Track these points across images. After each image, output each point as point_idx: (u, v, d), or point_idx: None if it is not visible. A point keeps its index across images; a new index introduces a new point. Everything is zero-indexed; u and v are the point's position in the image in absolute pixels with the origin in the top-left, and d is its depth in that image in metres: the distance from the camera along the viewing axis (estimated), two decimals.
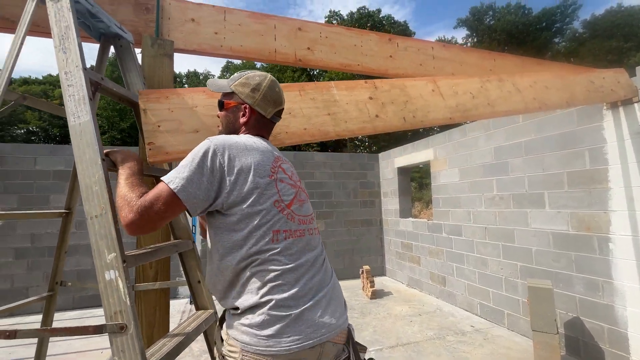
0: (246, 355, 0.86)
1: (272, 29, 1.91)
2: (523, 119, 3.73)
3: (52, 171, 5.20)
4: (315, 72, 24.57)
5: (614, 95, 2.75)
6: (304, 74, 23.22)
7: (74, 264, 5.10)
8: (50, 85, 20.27)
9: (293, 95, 1.60)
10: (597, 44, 24.44)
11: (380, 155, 6.97)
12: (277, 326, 0.85)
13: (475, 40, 30.89)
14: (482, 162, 4.29)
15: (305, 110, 1.61)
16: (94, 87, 1.07)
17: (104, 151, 1.03)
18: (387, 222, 6.71)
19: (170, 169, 1.02)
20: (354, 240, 6.61)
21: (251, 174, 0.94)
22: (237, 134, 1.10)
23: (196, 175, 0.90)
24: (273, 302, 0.87)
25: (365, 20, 28.33)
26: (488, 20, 30.74)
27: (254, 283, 0.90)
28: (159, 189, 0.89)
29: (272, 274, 0.90)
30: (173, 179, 0.89)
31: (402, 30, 29.09)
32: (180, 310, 4.98)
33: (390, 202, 6.59)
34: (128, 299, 0.89)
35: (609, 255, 2.88)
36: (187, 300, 5.37)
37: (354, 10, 29.12)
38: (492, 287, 4.11)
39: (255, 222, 0.92)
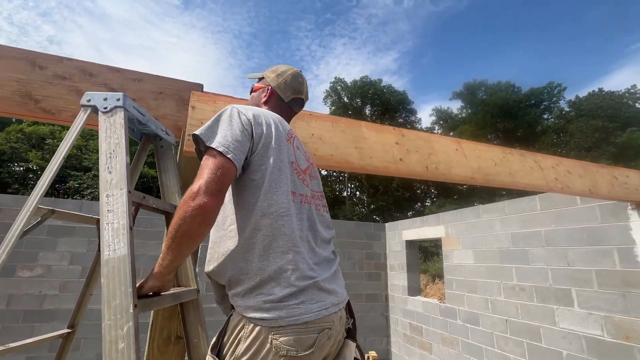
0: (277, 333, 0.80)
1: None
2: (541, 207, 3.67)
3: (48, 226, 4.96)
4: None
5: (639, 195, 2.72)
6: None
7: None
8: (59, 126, 20.73)
9: (326, 125, 1.73)
10: (584, 123, 25.99)
11: (387, 225, 6.82)
12: (305, 294, 0.85)
13: (470, 111, 32.92)
14: (498, 246, 4.13)
15: (335, 140, 1.72)
16: (135, 209, 0.96)
17: (137, 285, 0.88)
18: (394, 299, 6.29)
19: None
20: (358, 317, 6.08)
21: (273, 129, 1.00)
22: None
23: (230, 131, 0.92)
24: (298, 270, 0.86)
25: (368, 88, 30.42)
26: (481, 95, 33.10)
27: (277, 248, 0.88)
28: (207, 159, 0.88)
29: (293, 239, 0.89)
30: (213, 142, 0.89)
31: (401, 98, 31.11)
32: None
33: (397, 277, 6.25)
34: None
35: None
36: None
37: (357, 78, 31.42)
38: None
39: (275, 176, 0.94)
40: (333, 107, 31.02)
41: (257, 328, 0.82)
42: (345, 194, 25.54)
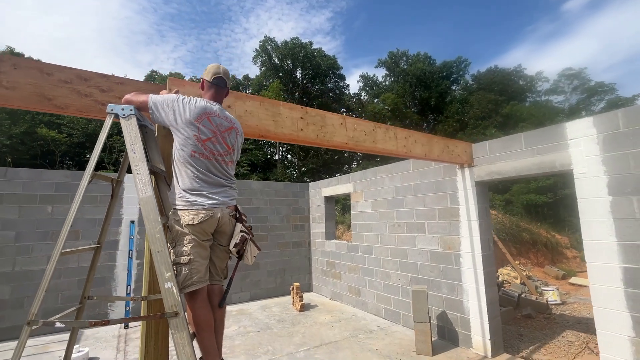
0: (184, 214, 1.71)
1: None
2: (413, 168, 5.16)
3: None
4: None
5: (461, 159, 4.24)
6: None
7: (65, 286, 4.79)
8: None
9: (255, 104, 2.48)
10: (481, 95, 30.28)
11: (310, 185, 8.04)
12: (197, 197, 1.73)
13: (392, 80, 35.33)
14: (387, 197, 5.62)
15: (260, 115, 2.48)
16: (150, 172, 1.77)
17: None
18: (315, 244, 7.71)
19: (165, 168, 1.95)
20: (286, 260, 7.42)
21: (187, 115, 1.78)
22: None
23: (161, 106, 1.82)
24: (194, 187, 1.72)
25: (299, 50, 30.19)
26: (402, 64, 35.56)
27: (187, 175, 1.74)
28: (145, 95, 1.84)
29: (193, 172, 1.74)
30: (152, 98, 1.82)
31: (331, 63, 31.67)
32: (115, 335, 5.06)
33: (317, 226, 7.63)
34: (179, 297, 1.60)
35: (460, 266, 4.31)
36: (121, 325, 5.42)
37: (289, 37, 30.78)
38: (392, 295, 5.35)
39: (185, 141, 1.75)
40: (263, 68, 30.26)
41: (177, 212, 1.71)
42: (277, 157, 26.23)
